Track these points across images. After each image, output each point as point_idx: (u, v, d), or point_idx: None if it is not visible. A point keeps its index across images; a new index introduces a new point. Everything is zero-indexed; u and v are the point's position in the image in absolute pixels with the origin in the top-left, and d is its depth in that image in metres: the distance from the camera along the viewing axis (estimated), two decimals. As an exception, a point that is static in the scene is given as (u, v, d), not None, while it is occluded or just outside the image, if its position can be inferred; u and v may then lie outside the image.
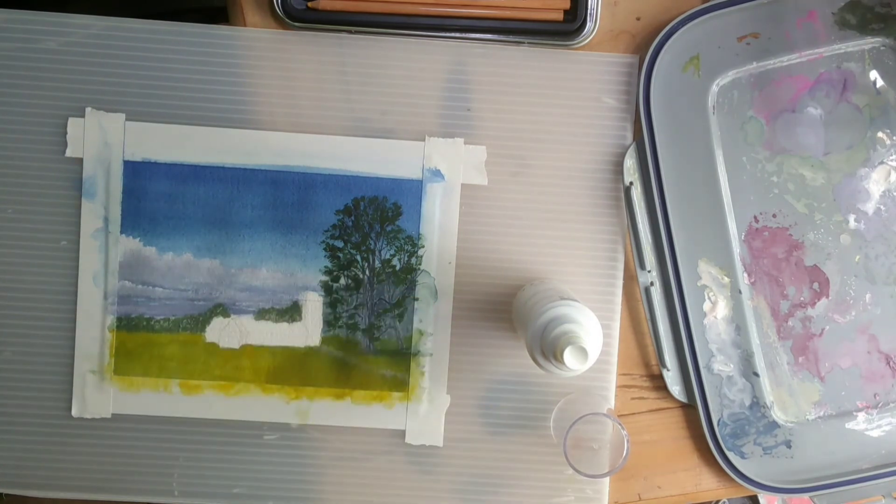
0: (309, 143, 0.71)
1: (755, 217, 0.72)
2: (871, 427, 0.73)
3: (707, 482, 0.74)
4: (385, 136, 0.71)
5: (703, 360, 0.72)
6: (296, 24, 0.70)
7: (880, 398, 0.73)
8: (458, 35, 0.71)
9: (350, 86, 0.71)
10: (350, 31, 0.70)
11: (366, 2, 0.69)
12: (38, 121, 0.71)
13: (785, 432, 0.73)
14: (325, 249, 0.72)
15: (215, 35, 0.71)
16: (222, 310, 0.72)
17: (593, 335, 0.61)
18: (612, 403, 0.73)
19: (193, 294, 0.72)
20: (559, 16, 0.70)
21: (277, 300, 0.72)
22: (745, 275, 0.72)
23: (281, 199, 0.72)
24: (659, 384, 0.74)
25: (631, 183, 0.71)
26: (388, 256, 0.72)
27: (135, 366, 0.72)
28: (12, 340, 0.72)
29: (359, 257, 0.72)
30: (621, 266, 0.73)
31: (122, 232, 0.71)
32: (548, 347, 0.61)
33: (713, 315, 0.72)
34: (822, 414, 0.73)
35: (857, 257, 0.73)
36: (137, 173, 0.71)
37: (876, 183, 0.72)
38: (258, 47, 0.71)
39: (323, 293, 0.72)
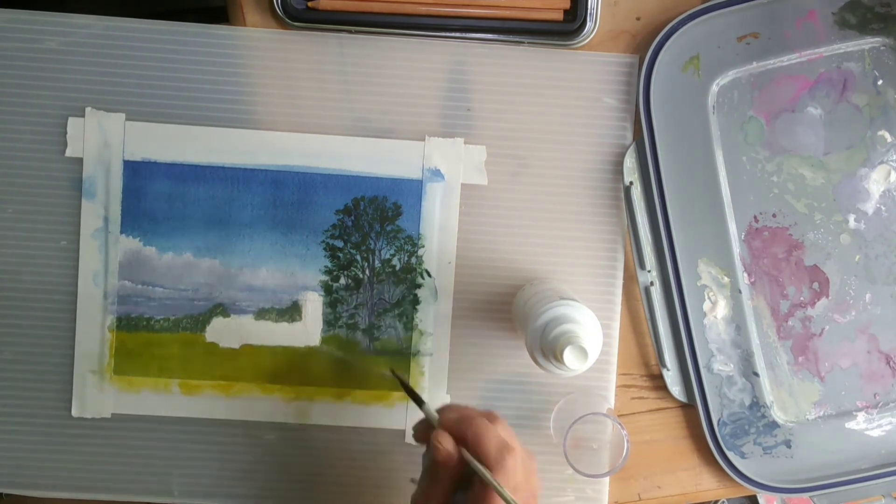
0: (309, 142, 0.71)
1: (755, 217, 0.72)
2: (871, 427, 0.73)
3: (707, 482, 0.74)
4: (385, 136, 0.71)
5: (703, 360, 0.72)
6: (296, 24, 0.70)
7: (880, 398, 0.73)
8: (458, 35, 0.71)
9: (350, 86, 0.71)
10: (350, 31, 0.70)
11: (366, 2, 0.69)
12: (38, 121, 0.71)
13: (785, 432, 0.73)
14: (325, 249, 0.72)
15: (215, 35, 0.71)
16: (222, 310, 0.72)
17: (593, 335, 0.61)
18: (612, 403, 0.73)
19: (193, 294, 0.72)
20: (559, 16, 0.70)
21: (277, 300, 0.72)
22: (745, 275, 0.72)
23: (281, 198, 0.72)
24: (659, 384, 0.74)
25: (631, 183, 0.71)
26: (388, 256, 0.72)
27: (135, 366, 0.72)
28: (12, 340, 0.72)
29: (359, 257, 0.72)
30: (621, 266, 0.73)
31: (122, 232, 0.71)
32: (548, 347, 0.61)
33: (713, 315, 0.72)
34: (822, 414, 0.73)
35: (857, 257, 0.73)
36: (137, 173, 0.71)
37: (876, 183, 0.72)
38: (258, 47, 0.71)
39: (323, 293, 0.72)
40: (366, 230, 0.72)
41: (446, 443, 0.57)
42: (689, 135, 0.71)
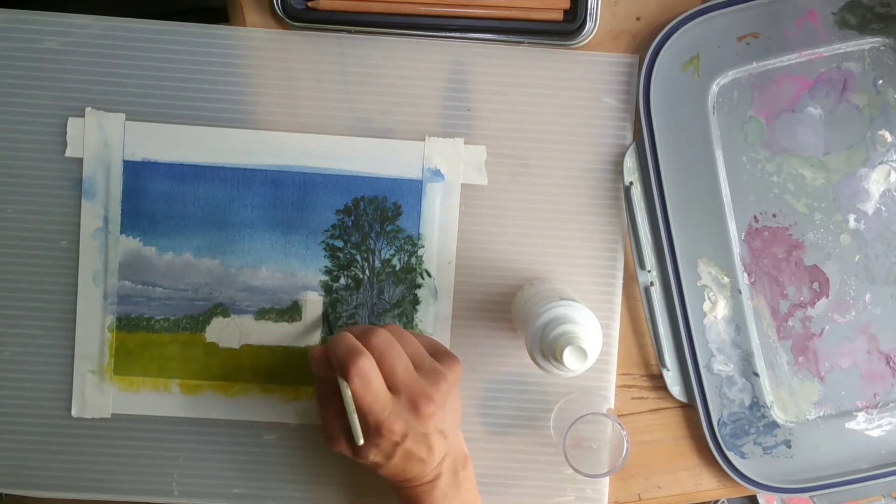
0: (309, 142, 0.71)
1: (755, 217, 0.72)
2: (871, 427, 0.73)
3: (707, 482, 0.74)
4: (385, 136, 0.71)
5: (703, 360, 0.72)
6: (296, 24, 0.70)
7: (880, 398, 0.73)
8: (458, 35, 0.71)
9: (350, 86, 0.71)
10: (350, 31, 0.70)
11: (366, 2, 0.69)
12: (38, 121, 0.71)
13: (785, 432, 0.73)
14: (325, 249, 0.72)
15: (215, 35, 0.71)
16: (222, 310, 0.72)
17: (593, 335, 0.61)
18: (612, 403, 0.73)
19: (193, 294, 0.72)
20: (559, 16, 0.70)
21: (277, 300, 0.72)
22: (745, 275, 0.72)
23: (281, 199, 0.72)
24: (659, 384, 0.74)
25: (631, 183, 0.71)
26: (388, 256, 0.72)
27: (135, 366, 0.72)
28: (12, 340, 0.72)
29: (359, 257, 0.72)
30: (621, 266, 0.73)
31: (121, 232, 0.71)
32: (547, 347, 0.61)
33: (713, 315, 0.72)
34: (821, 414, 0.73)
35: (857, 257, 0.73)
36: (137, 173, 0.71)
37: (876, 183, 0.72)
38: (258, 47, 0.71)
39: (323, 293, 0.72)
40: (366, 230, 0.72)
41: (314, 353, 0.63)
42: (689, 135, 0.71)
